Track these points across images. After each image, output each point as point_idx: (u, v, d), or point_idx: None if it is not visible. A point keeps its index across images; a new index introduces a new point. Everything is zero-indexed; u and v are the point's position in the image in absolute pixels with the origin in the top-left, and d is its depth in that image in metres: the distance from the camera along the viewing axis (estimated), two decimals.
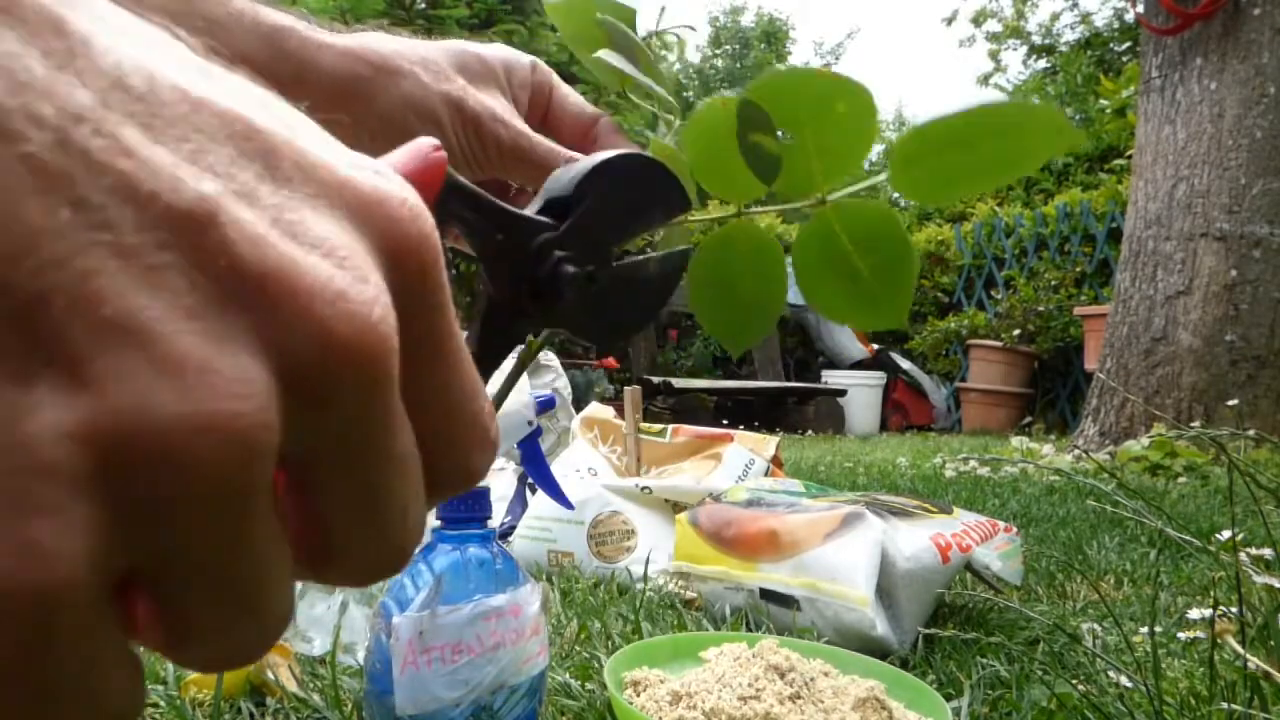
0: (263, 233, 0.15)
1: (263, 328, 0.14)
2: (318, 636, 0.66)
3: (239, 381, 0.14)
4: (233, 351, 0.14)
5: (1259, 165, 2.73)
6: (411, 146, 0.22)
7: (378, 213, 0.17)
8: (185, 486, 0.13)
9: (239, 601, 0.15)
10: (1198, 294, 2.80)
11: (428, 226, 0.18)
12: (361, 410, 0.16)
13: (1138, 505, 0.70)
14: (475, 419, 0.19)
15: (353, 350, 0.15)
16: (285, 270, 0.15)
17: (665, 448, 1.34)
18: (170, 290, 0.14)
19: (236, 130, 0.15)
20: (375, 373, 0.16)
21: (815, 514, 0.86)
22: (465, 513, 0.53)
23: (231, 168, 0.15)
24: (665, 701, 0.57)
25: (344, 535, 0.17)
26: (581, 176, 0.30)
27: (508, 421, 0.57)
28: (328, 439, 0.16)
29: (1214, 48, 2.82)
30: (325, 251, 0.15)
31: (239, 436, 0.14)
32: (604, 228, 0.31)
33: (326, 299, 0.15)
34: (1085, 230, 5.53)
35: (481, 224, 0.27)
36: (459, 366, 0.19)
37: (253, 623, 0.16)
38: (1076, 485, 1.87)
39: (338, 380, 0.15)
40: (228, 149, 0.15)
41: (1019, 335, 5.35)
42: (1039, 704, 0.61)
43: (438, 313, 0.18)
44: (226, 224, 0.14)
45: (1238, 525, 1.09)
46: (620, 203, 0.31)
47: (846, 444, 4.20)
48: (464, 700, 0.48)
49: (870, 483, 2.14)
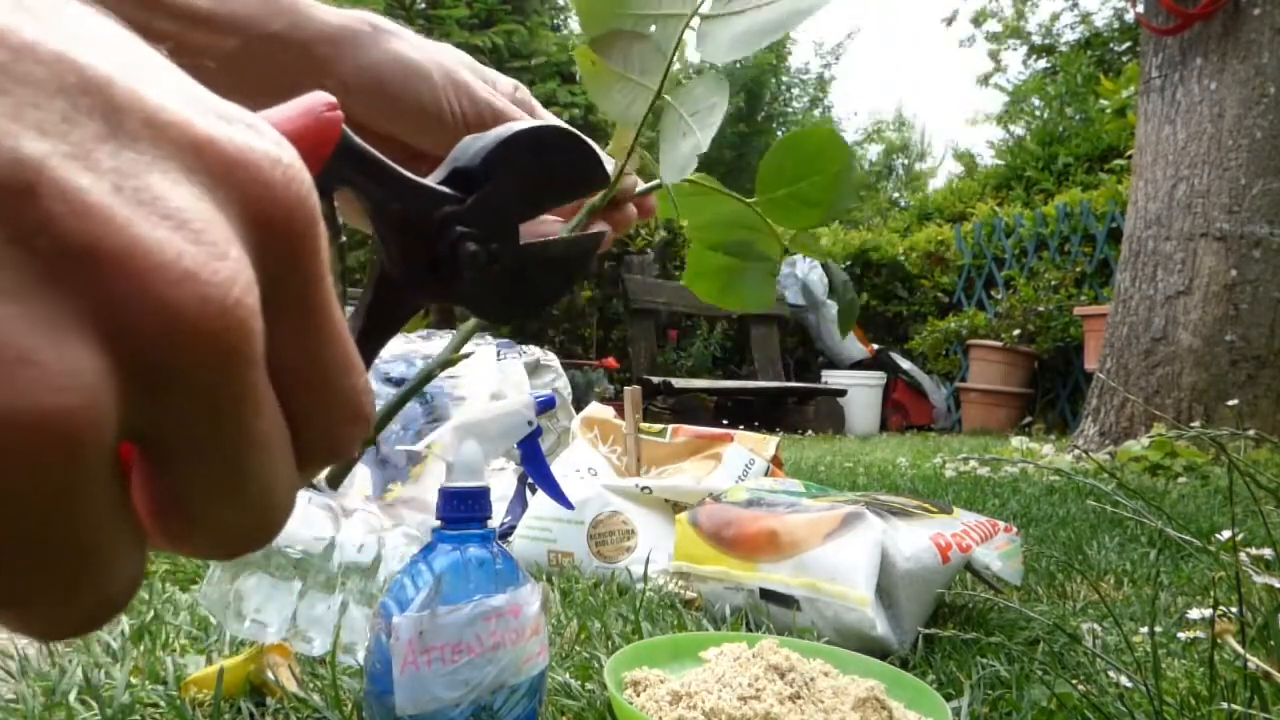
0: (96, 203, 0.13)
1: (96, 310, 0.13)
2: (318, 636, 0.66)
3: (64, 374, 0.13)
4: (58, 338, 0.13)
5: (1259, 165, 2.73)
6: (301, 101, 0.20)
7: (243, 175, 0.15)
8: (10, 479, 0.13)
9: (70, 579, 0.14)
10: (1198, 294, 2.80)
11: (303, 190, 0.16)
12: (215, 393, 0.15)
13: (1138, 505, 0.70)
14: (347, 394, 0.18)
15: (203, 334, 0.14)
16: (122, 247, 0.13)
17: (665, 448, 1.34)
18: None
19: (70, 82, 0.13)
20: (230, 357, 0.14)
21: (815, 514, 0.86)
22: (465, 513, 0.53)
23: (63, 125, 0.13)
24: (665, 701, 0.57)
25: (200, 510, 0.16)
26: (493, 147, 0.28)
27: (508, 422, 0.57)
28: (177, 421, 0.15)
29: (1214, 48, 2.82)
30: (176, 223, 0.14)
31: (63, 433, 0.13)
32: (512, 203, 0.29)
33: (171, 279, 0.13)
34: (1085, 230, 5.53)
35: (377, 191, 0.25)
36: (332, 339, 0.18)
37: (92, 594, 0.15)
38: (1076, 485, 1.87)
39: (186, 365, 0.14)
40: (59, 103, 0.13)
41: (1019, 335, 5.35)
42: (1039, 704, 0.61)
43: (310, 283, 0.17)
44: (51, 194, 0.13)
45: (1238, 525, 1.09)
46: (532, 177, 0.30)
47: (846, 444, 4.20)
48: (464, 700, 0.48)
49: (870, 483, 2.13)
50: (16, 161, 0.12)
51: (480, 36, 5.74)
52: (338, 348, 0.18)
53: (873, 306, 6.67)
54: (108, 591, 0.15)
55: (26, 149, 0.13)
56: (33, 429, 0.12)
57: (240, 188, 0.15)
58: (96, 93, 0.14)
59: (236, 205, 0.15)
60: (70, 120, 0.13)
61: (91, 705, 0.60)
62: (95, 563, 0.14)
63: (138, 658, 0.72)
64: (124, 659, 0.71)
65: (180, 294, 0.14)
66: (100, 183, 0.13)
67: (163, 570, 1.07)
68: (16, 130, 0.13)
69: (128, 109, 0.14)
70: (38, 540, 0.13)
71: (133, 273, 0.13)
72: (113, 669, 0.68)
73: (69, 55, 0.13)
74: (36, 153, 0.13)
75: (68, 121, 0.13)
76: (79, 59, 0.14)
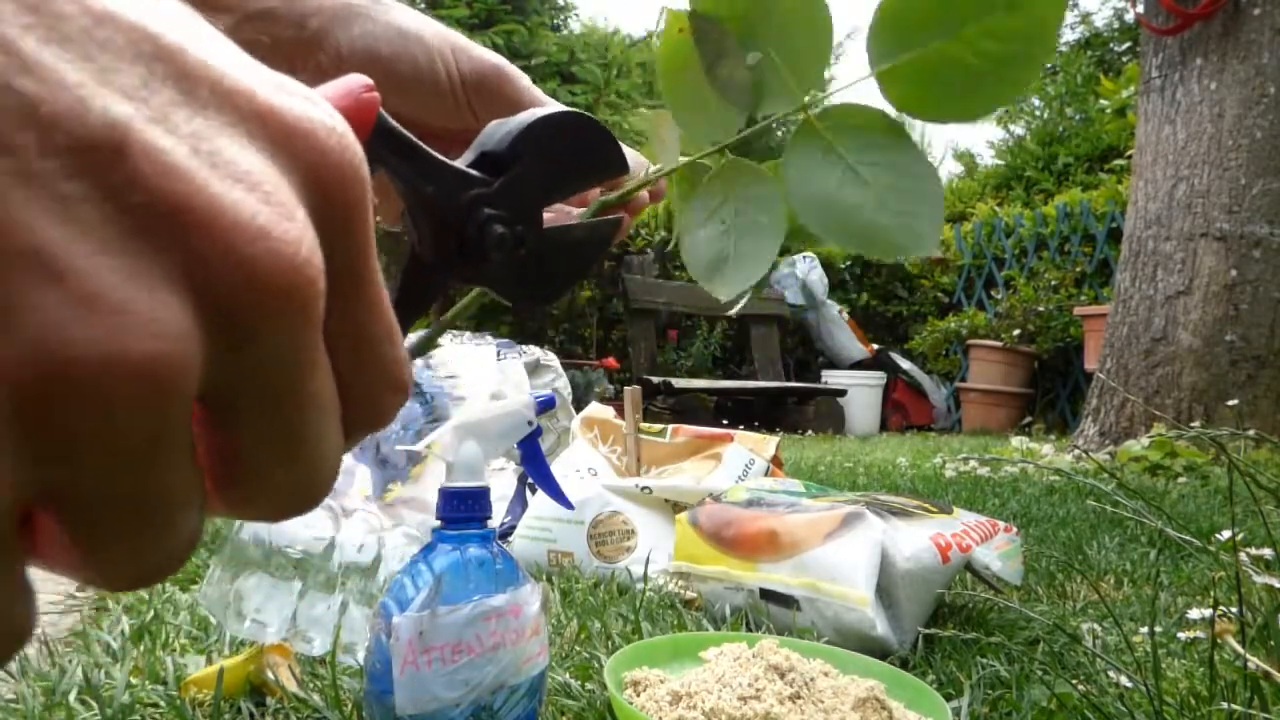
0: (179, 163, 0.14)
1: (183, 265, 0.14)
2: (318, 636, 0.66)
3: (157, 321, 0.13)
4: (150, 289, 0.13)
5: (1259, 165, 2.73)
6: (341, 82, 0.20)
7: (303, 143, 0.16)
8: (100, 424, 0.13)
9: (146, 529, 0.15)
10: (1198, 294, 2.80)
11: (357, 159, 0.17)
12: (283, 350, 0.15)
13: (1138, 505, 0.70)
14: (390, 362, 0.19)
15: (277, 290, 0.15)
16: (205, 206, 0.14)
17: (665, 448, 1.34)
18: (82, 223, 0.13)
19: (146, 50, 0.14)
20: (300, 313, 0.15)
21: (815, 514, 0.86)
22: (465, 513, 0.53)
23: (143, 90, 0.14)
24: (665, 701, 0.57)
25: (258, 470, 0.17)
26: (519, 131, 0.29)
27: (508, 422, 0.57)
28: (247, 377, 0.15)
29: (1214, 48, 2.82)
30: (249, 185, 0.15)
31: (156, 378, 0.13)
32: (537, 188, 0.30)
33: (249, 235, 0.14)
34: (1085, 230, 5.53)
35: (411, 172, 0.26)
36: (378, 307, 0.18)
37: (159, 547, 0.16)
38: (1076, 485, 1.87)
39: (261, 320, 0.15)
40: (139, 69, 0.14)
41: (1019, 335, 5.35)
42: (1039, 704, 0.61)
43: (360, 251, 0.17)
44: (139, 154, 0.13)
45: (1238, 525, 1.09)
46: (556, 163, 0.30)
47: (846, 444, 4.20)
48: (464, 700, 0.48)
49: (870, 483, 2.13)
50: (108, 123, 0.13)
51: (480, 36, 5.74)
52: (382, 316, 0.18)
53: (873, 306, 6.67)
54: (175, 544, 0.16)
55: (115, 110, 0.13)
56: (128, 374, 0.13)
57: (300, 155, 0.16)
58: (169, 60, 0.14)
59: (296, 171, 0.16)
60: (149, 86, 0.14)
61: (91, 705, 0.60)
62: (170, 514, 0.15)
63: (138, 658, 0.72)
64: (124, 659, 0.71)
65: (257, 250, 0.14)
66: (180, 145, 0.14)
67: None
68: (105, 93, 0.13)
69: (198, 77, 0.15)
70: (125, 486, 0.14)
71: (214, 230, 0.14)
72: (113, 669, 0.68)
73: (144, 24, 0.14)
74: (123, 115, 0.13)
75: (147, 87, 0.14)
76: (153, 28, 0.14)
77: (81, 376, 0.13)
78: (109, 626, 0.81)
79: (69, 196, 0.13)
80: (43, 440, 0.13)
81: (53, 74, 0.13)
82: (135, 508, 0.15)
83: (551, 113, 0.30)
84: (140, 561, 0.16)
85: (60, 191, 0.13)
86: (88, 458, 0.13)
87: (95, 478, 0.14)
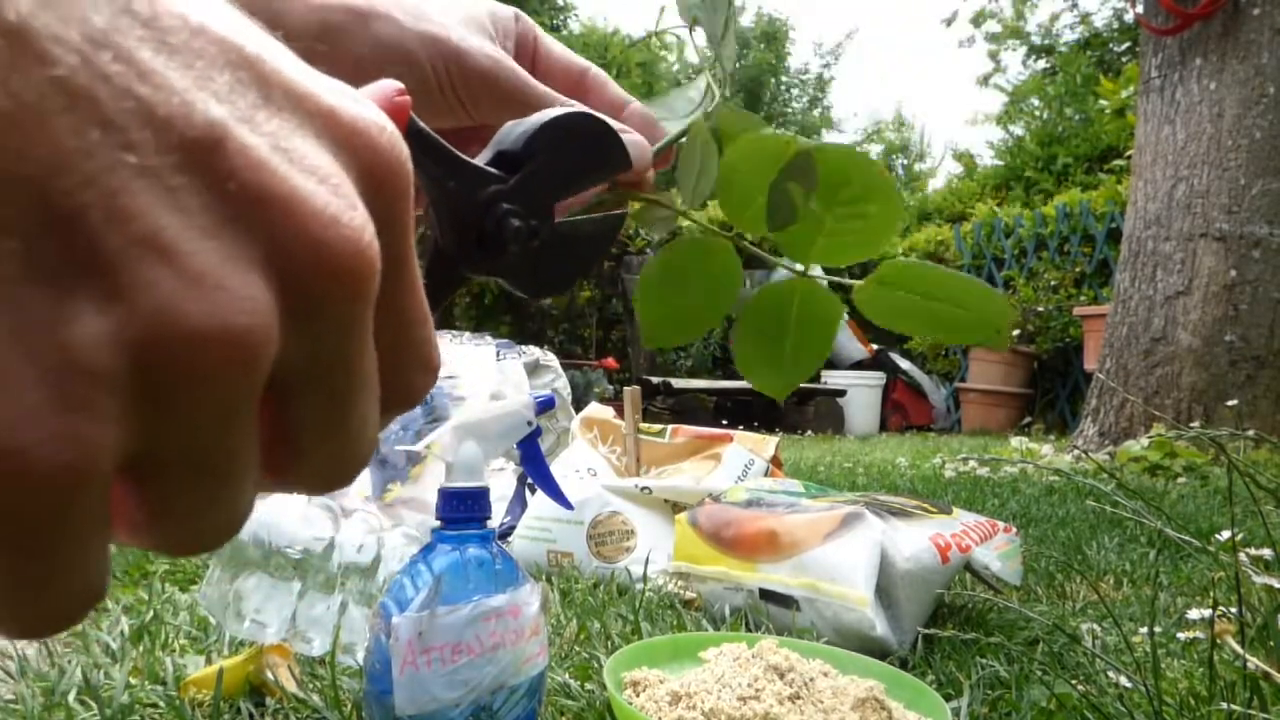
0: (265, 158, 0.15)
1: (266, 248, 0.15)
2: (317, 636, 0.66)
3: (248, 298, 0.15)
4: (243, 269, 0.15)
5: (1259, 165, 2.73)
6: (377, 86, 0.22)
7: (359, 141, 0.18)
8: (199, 387, 0.15)
9: (214, 493, 0.17)
10: (1197, 294, 2.80)
11: (403, 155, 0.19)
12: (345, 327, 0.17)
13: (1137, 505, 0.70)
14: (423, 343, 0.21)
15: (345, 271, 0.16)
16: (287, 195, 0.16)
17: (665, 448, 1.34)
18: (187, 210, 0.15)
19: (232, 58, 0.16)
20: (362, 292, 0.17)
21: (815, 514, 0.86)
22: (465, 513, 0.53)
23: (232, 94, 0.16)
24: (665, 702, 0.57)
25: (308, 444, 0.18)
26: (533, 131, 0.31)
27: (508, 422, 0.57)
28: (310, 352, 0.17)
29: (1213, 48, 2.82)
30: (320, 178, 0.16)
31: (248, 347, 0.15)
32: (550, 184, 0.32)
33: (323, 222, 0.16)
34: (1085, 230, 5.53)
35: (435, 170, 0.28)
36: (414, 291, 0.20)
37: (220, 514, 0.17)
38: (1076, 485, 1.87)
39: (330, 298, 0.16)
40: (227, 75, 0.16)
41: (1019, 335, 5.35)
42: (1039, 704, 0.61)
43: (404, 237, 0.19)
44: (233, 149, 0.15)
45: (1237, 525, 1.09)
46: (567, 160, 0.32)
47: (846, 444, 4.20)
48: (463, 701, 0.48)
49: (870, 483, 2.13)
50: (209, 122, 0.15)
51: None
52: (418, 299, 0.20)
53: None
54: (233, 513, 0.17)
55: (214, 112, 0.15)
56: (226, 341, 0.15)
57: (356, 151, 0.18)
58: (250, 68, 0.16)
59: (354, 166, 0.18)
60: (236, 90, 0.16)
61: (91, 705, 0.60)
62: (235, 480, 0.17)
63: (137, 658, 0.72)
64: (123, 659, 0.71)
65: (330, 235, 0.16)
66: (263, 142, 0.16)
67: (162, 570, 1.07)
68: (204, 96, 0.15)
69: (274, 82, 0.16)
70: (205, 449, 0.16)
71: (294, 216, 0.16)
72: (112, 669, 0.68)
73: (230, 36, 0.16)
74: (220, 116, 0.15)
75: (235, 91, 0.16)
76: (237, 39, 0.16)
77: (192, 346, 0.14)
78: (108, 627, 0.81)
79: (178, 187, 0.14)
80: (148, 405, 0.14)
81: (164, 80, 0.14)
82: (210, 471, 0.16)
83: (562, 113, 0.32)
84: (201, 526, 0.17)
85: (171, 183, 0.14)
86: (182, 421, 0.15)
87: (183, 440, 0.15)
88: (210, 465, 0.16)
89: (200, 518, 0.17)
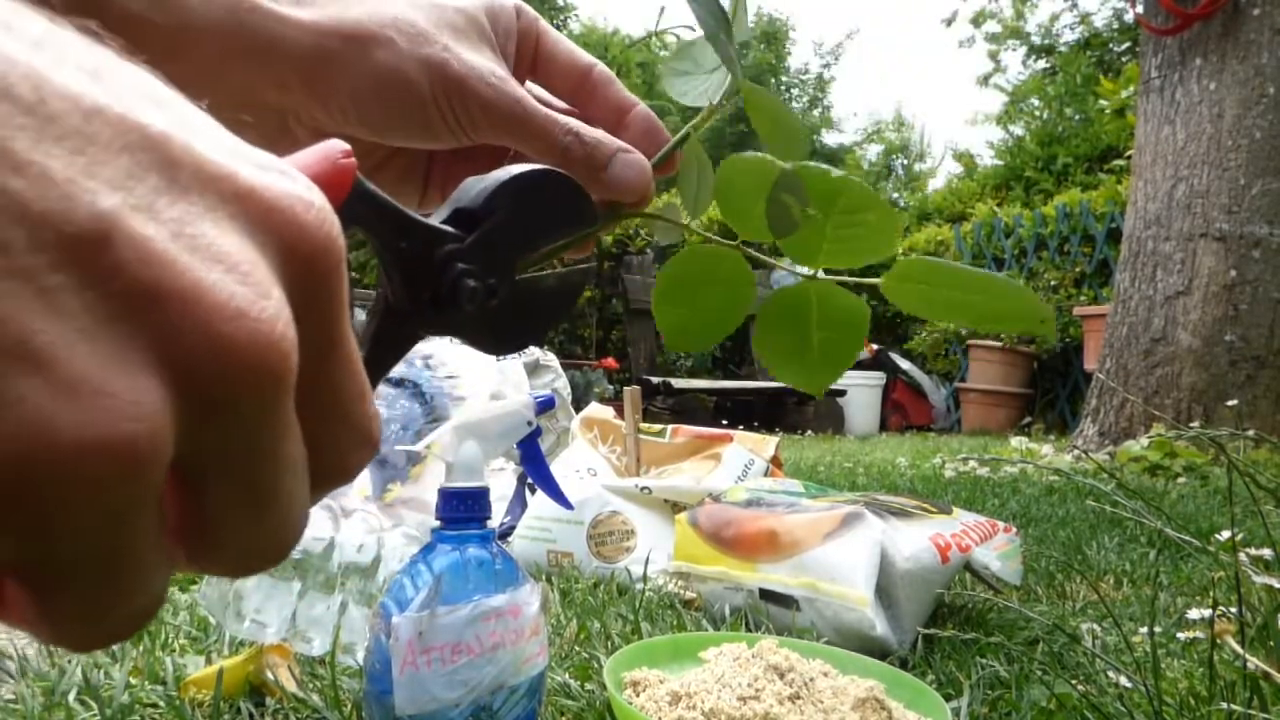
0: (160, 250, 0.14)
1: (160, 346, 0.14)
2: (317, 636, 0.66)
3: (133, 404, 0.14)
4: (128, 371, 0.14)
5: (1258, 165, 2.73)
6: (321, 149, 0.21)
7: (280, 219, 0.17)
8: (77, 502, 0.14)
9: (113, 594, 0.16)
10: (1197, 294, 2.81)
11: (333, 231, 0.17)
12: (256, 420, 0.16)
13: (1137, 505, 0.70)
14: (359, 420, 0.20)
15: (252, 366, 0.15)
16: (184, 289, 0.14)
17: (665, 448, 1.34)
18: (65, 312, 0.13)
19: (132, 140, 0.15)
20: (273, 386, 0.16)
21: (815, 514, 0.86)
22: (465, 513, 0.53)
23: (129, 180, 0.14)
24: (665, 701, 0.57)
25: (226, 530, 0.17)
26: (491, 190, 0.30)
27: (508, 422, 0.57)
28: (218, 446, 0.16)
29: (1213, 48, 2.82)
30: (227, 267, 0.15)
31: (132, 455, 0.14)
32: (510, 242, 0.31)
33: (226, 316, 0.15)
34: (1085, 230, 5.53)
35: (385, 230, 0.27)
36: (349, 369, 0.19)
37: (125, 610, 0.16)
38: (1076, 485, 1.87)
39: (234, 394, 0.15)
40: (124, 160, 0.14)
41: (1018, 335, 5.35)
42: (1039, 704, 0.61)
43: (334, 318, 0.18)
44: (122, 244, 0.14)
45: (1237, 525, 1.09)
46: (529, 218, 0.32)
47: (846, 444, 4.20)
48: (463, 701, 0.48)
49: (870, 483, 2.13)
50: (94, 216, 0.14)
51: None
52: (353, 377, 0.19)
53: (872, 306, 6.66)
54: (141, 606, 0.17)
55: (102, 203, 0.14)
56: (106, 453, 0.14)
57: (277, 230, 0.16)
58: (154, 149, 0.15)
59: (273, 247, 0.16)
60: (134, 175, 0.15)
61: (91, 705, 0.60)
62: (137, 578, 0.16)
63: (137, 658, 0.72)
64: (123, 659, 0.71)
65: (233, 329, 0.15)
66: (162, 231, 0.15)
67: None
68: (93, 186, 0.14)
69: (181, 163, 0.15)
70: (94, 555, 0.15)
71: (192, 312, 0.15)
72: (112, 669, 0.68)
73: (131, 116, 0.15)
74: (109, 206, 0.14)
75: (132, 177, 0.15)
76: (140, 119, 0.15)
77: (65, 459, 0.13)
78: None
79: (53, 288, 0.13)
80: (20, 517, 0.14)
81: (42, 172, 0.13)
82: (104, 575, 0.15)
83: (524, 170, 0.32)
84: (105, 624, 0.16)
85: (46, 284, 0.13)
86: (63, 532, 0.14)
87: (68, 549, 0.14)
88: (106, 570, 0.15)
89: (101, 619, 0.16)
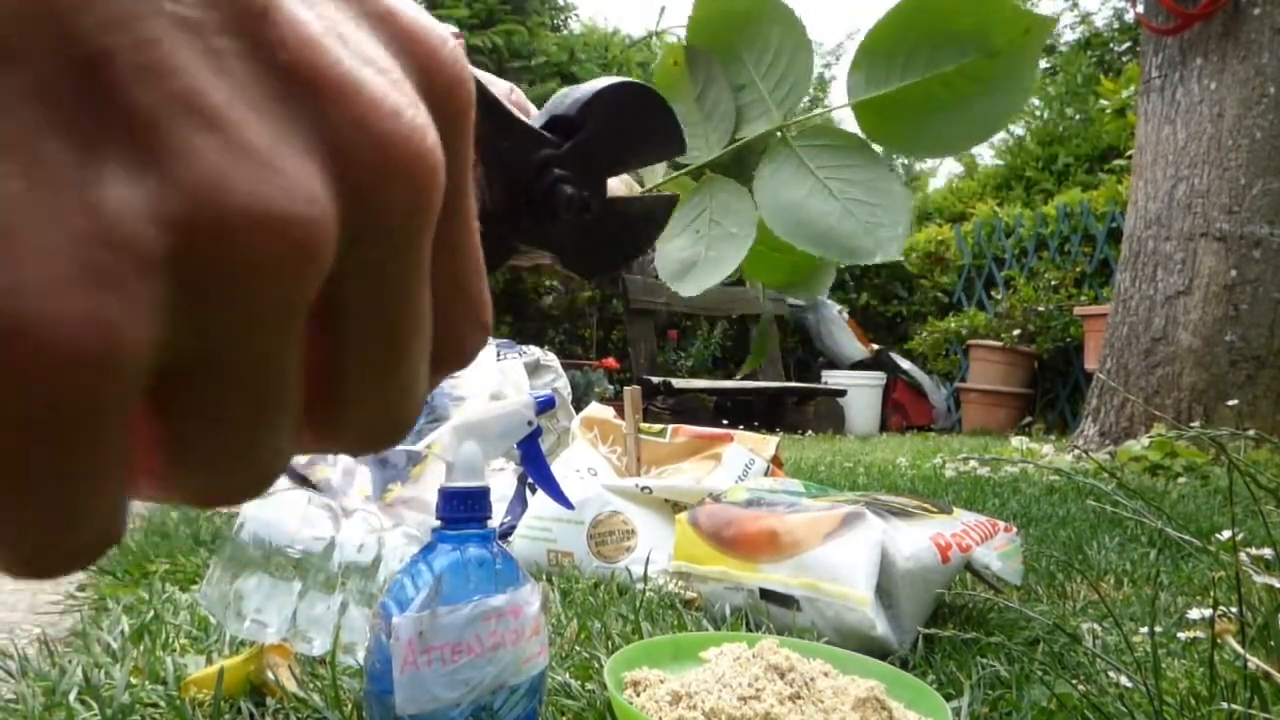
0: (317, 36, 0.14)
1: (320, 135, 0.14)
2: (318, 636, 0.66)
3: (305, 187, 0.13)
4: (297, 152, 0.13)
5: (1259, 165, 2.73)
6: None
7: (419, 46, 0.16)
8: (252, 279, 0.13)
9: (252, 424, 0.14)
10: (1198, 294, 2.80)
11: (466, 69, 0.17)
12: (405, 245, 0.15)
13: (1138, 505, 0.70)
14: (478, 297, 0.18)
15: (409, 169, 0.14)
16: (341, 77, 0.14)
17: (665, 448, 1.34)
18: (234, 77, 0.13)
19: None
20: (427, 201, 0.15)
21: (815, 514, 0.86)
22: (465, 513, 0.53)
23: None
24: (665, 701, 0.57)
25: (357, 388, 0.16)
26: (587, 99, 0.30)
27: (508, 422, 0.57)
28: (364, 276, 0.15)
29: (1214, 48, 2.82)
30: (378, 69, 0.14)
31: (304, 241, 0.13)
32: (602, 155, 0.30)
33: (384, 113, 0.14)
34: (1085, 230, 5.53)
35: (488, 125, 0.26)
36: (472, 237, 0.18)
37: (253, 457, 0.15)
38: (1076, 485, 1.87)
39: (393, 203, 0.14)
40: None
41: (1019, 335, 5.35)
42: (1039, 704, 0.61)
43: (463, 164, 0.17)
44: (284, 20, 0.13)
45: (1238, 525, 1.09)
46: (620, 132, 0.31)
47: (846, 444, 4.20)
48: (464, 700, 0.48)
49: (870, 483, 2.13)
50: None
51: (480, 36, 5.74)
52: (476, 245, 0.18)
53: (873, 306, 6.67)
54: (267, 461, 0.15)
55: None
56: (280, 232, 0.13)
57: (416, 57, 0.16)
58: None
59: (413, 72, 0.16)
60: None
61: (91, 705, 0.60)
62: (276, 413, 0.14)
63: (138, 658, 0.72)
64: (124, 659, 0.71)
65: (390, 128, 0.14)
66: (318, 22, 0.14)
67: (163, 570, 1.07)
68: None
69: None
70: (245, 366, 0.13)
71: (351, 102, 0.14)
72: (113, 669, 0.68)
73: None
74: None
75: None
76: None
77: (244, 229, 0.12)
78: (109, 626, 0.81)
79: (222, 50, 0.13)
80: (189, 297, 0.12)
81: None
82: (252, 395, 0.14)
83: (618, 82, 0.31)
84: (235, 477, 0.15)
85: (214, 44, 0.13)
86: (228, 321, 0.13)
87: (227, 347, 0.13)
88: (254, 387, 0.14)
89: (232, 460, 0.14)
